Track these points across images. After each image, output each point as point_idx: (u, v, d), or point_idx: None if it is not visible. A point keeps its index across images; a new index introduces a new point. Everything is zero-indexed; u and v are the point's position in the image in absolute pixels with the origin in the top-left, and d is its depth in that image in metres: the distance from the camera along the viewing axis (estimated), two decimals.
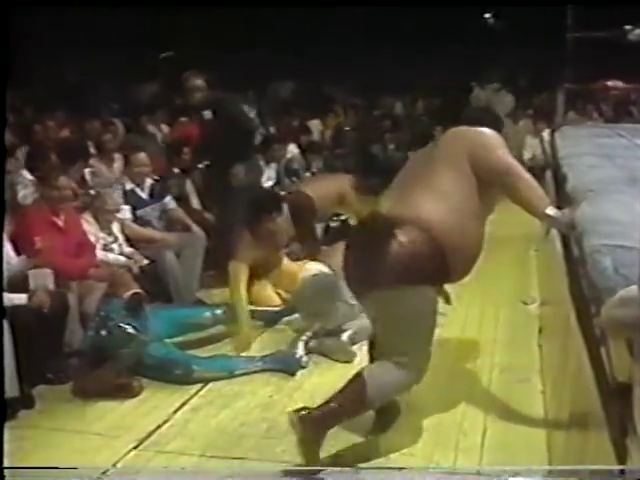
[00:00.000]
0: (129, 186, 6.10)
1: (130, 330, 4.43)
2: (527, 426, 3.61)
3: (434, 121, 11.03)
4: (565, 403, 2.86)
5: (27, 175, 5.80)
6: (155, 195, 6.23)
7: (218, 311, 5.00)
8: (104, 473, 3.25)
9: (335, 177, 6.79)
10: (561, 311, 3.42)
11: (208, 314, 4.97)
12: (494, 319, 5.32)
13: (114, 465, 3.41)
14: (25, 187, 5.68)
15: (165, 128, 9.99)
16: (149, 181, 6.25)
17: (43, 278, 4.41)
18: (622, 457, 1.55)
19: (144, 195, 6.16)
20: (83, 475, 2.92)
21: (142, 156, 6.26)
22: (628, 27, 7.30)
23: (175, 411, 4.03)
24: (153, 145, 8.36)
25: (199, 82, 6.33)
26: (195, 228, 6.22)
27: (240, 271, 5.17)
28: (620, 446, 1.58)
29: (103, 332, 4.43)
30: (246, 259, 5.24)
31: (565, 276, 3.38)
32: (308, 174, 9.01)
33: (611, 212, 2.56)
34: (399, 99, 14.12)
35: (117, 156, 7.47)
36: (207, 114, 6.31)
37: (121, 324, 4.42)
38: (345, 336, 4.70)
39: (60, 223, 4.97)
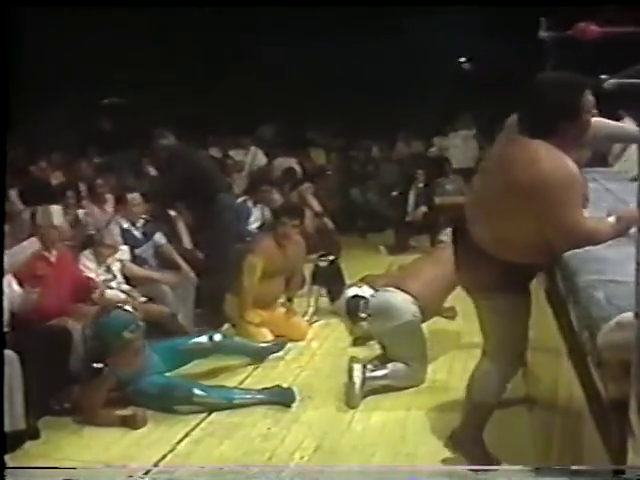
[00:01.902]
0: (125, 225, 6.29)
1: (129, 308, 4.73)
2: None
3: (415, 164, 11.31)
4: (556, 431, 3.06)
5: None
6: (147, 233, 6.44)
7: (217, 336, 5.17)
8: None
9: None
10: (548, 345, 3.64)
11: (205, 339, 5.12)
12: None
13: None
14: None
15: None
16: (141, 220, 6.46)
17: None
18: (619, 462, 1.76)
19: (138, 234, 6.35)
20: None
21: (136, 196, 6.47)
22: (604, 77, 7.59)
23: (178, 442, 4.19)
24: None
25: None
26: (184, 266, 6.39)
27: (256, 264, 5.83)
28: (618, 454, 1.79)
29: (102, 319, 4.68)
30: (262, 255, 5.89)
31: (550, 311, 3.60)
32: None
33: (598, 252, 2.79)
34: (378, 143, 14.38)
35: (108, 196, 7.65)
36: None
37: (119, 305, 4.75)
38: (357, 384, 4.73)
39: (52, 258, 5.12)
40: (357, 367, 4.78)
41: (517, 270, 3.28)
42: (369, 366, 4.86)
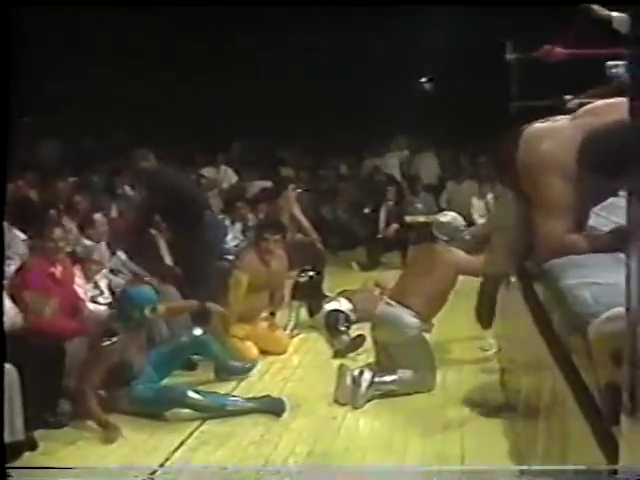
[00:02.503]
0: (89, 243, 6.41)
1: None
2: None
3: (384, 181, 11.56)
4: (541, 423, 3.28)
5: (19, 233, 6.02)
6: (113, 250, 6.59)
7: (196, 330, 5.47)
8: None
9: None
10: (529, 348, 3.87)
11: (185, 338, 5.42)
12: (458, 366, 5.75)
13: None
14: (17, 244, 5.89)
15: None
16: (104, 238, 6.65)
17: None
18: (609, 447, 1.97)
19: (105, 251, 6.50)
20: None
21: (99, 217, 6.68)
22: (567, 97, 7.85)
23: (174, 450, 4.34)
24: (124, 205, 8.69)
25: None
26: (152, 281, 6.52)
27: (241, 279, 6.03)
28: (608, 437, 2.01)
29: (131, 289, 5.08)
30: (248, 270, 6.10)
31: (531, 318, 3.84)
32: None
33: (577, 259, 3.02)
34: (346, 162, 14.61)
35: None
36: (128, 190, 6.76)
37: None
38: (363, 386, 5.01)
39: (58, 274, 5.25)
40: (367, 371, 5.08)
41: None
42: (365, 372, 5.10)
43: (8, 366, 4.25)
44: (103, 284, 5.84)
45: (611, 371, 2.01)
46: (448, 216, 5.86)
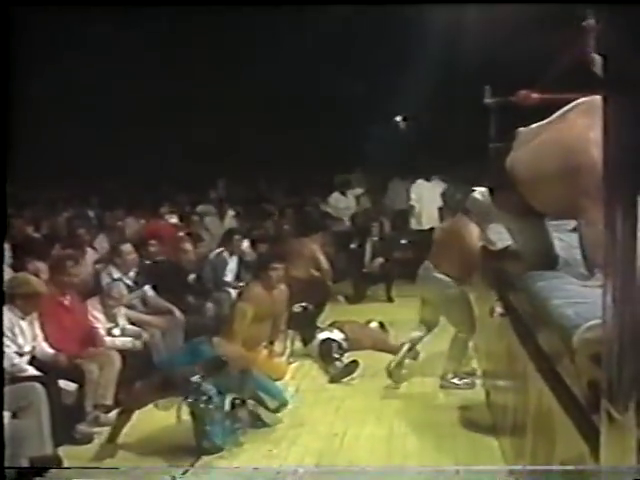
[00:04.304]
0: (116, 275, 6.78)
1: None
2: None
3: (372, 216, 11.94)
4: (528, 434, 3.71)
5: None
6: (139, 283, 6.96)
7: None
8: None
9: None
10: (514, 370, 4.32)
11: (285, 395, 5.65)
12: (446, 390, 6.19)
13: None
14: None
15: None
16: (134, 270, 7.02)
17: None
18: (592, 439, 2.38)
19: (130, 282, 6.86)
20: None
21: (128, 246, 7.05)
22: None
23: (191, 464, 4.72)
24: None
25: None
26: (176, 311, 6.95)
27: (246, 310, 6.31)
28: (590, 429, 2.43)
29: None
30: (252, 302, 6.38)
31: (518, 344, 4.29)
32: None
33: (559, 285, 3.51)
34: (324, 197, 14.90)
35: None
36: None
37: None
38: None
39: (66, 302, 5.65)
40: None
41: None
42: None
43: (37, 385, 4.66)
44: (120, 316, 6.20)
45: (591, 370, 2.44)
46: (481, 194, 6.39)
